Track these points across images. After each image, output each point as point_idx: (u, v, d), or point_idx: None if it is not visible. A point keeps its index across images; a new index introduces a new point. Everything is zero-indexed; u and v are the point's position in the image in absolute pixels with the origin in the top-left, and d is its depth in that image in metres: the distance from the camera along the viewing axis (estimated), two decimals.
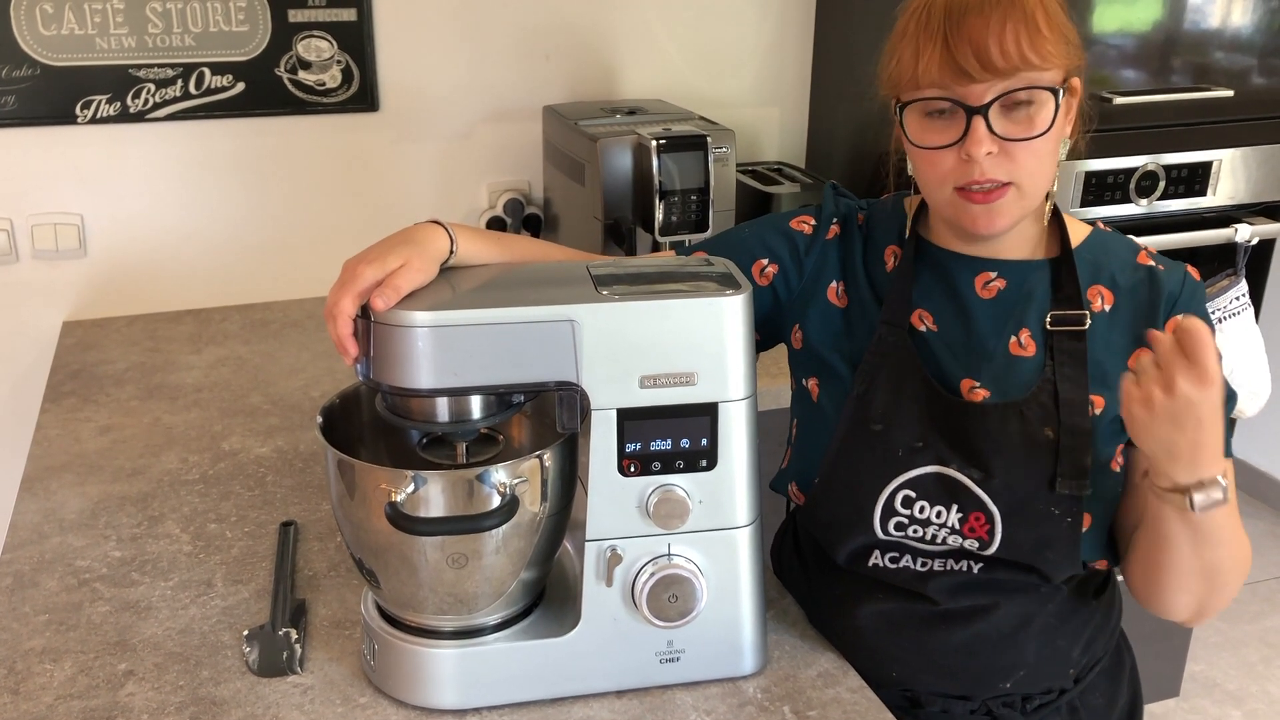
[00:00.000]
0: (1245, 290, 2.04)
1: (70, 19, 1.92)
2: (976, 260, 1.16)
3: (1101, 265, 1.15)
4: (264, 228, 2.14)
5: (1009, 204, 1.08)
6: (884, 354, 1.16)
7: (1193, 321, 0.95)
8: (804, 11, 2.32)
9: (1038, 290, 1.15)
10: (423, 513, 1.01)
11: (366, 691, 1.10)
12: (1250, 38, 1.97)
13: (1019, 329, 1.14)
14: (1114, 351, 1.13)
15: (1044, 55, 1.03)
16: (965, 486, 1.12)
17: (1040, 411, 1.11)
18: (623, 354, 1.01)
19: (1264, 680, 2.61)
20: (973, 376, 1.14)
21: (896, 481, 1.14)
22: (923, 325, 1.17)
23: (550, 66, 2.20)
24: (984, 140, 1.04)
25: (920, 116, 1.08)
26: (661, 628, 1.08)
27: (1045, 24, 1.04)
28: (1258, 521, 3.23)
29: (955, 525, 1.13)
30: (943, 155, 1.08)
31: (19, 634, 1.18)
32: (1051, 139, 1.07)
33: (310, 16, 2.03)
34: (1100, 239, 1.18)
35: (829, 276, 1.22)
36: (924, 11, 1.06)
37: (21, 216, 2.00)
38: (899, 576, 1.18)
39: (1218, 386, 0.95)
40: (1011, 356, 1.13)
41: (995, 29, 1.02)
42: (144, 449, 1.58)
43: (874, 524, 1.16)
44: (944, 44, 1.03)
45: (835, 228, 1.24)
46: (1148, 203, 1.97)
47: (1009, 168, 1.06)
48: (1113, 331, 1.13)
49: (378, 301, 0.98)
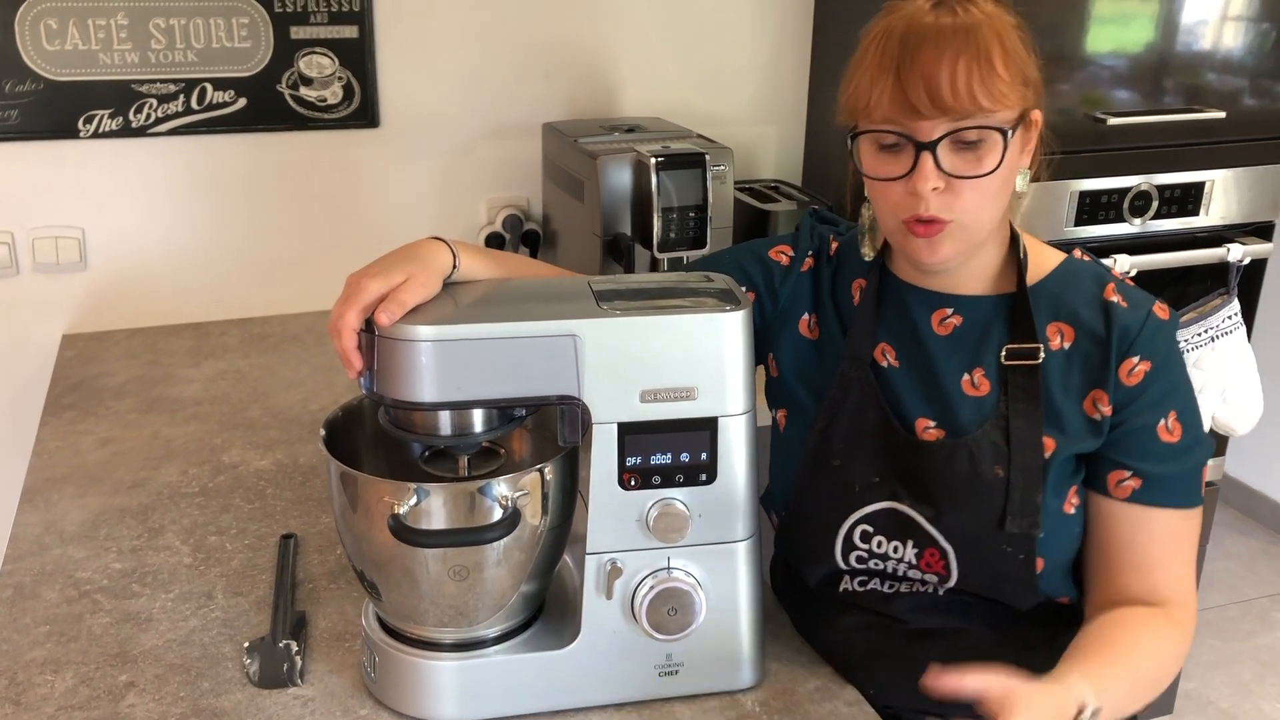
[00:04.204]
0: (1238, 309, 2.05)
1: (74, 34, 1.93)
2: (935, 296, 1.15)
3: (1064, 300, 1.12)
4: (264, 242, 2.14)
5: (949, 237, 1.06)
6: (846, 389, 1.16)
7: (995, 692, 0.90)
8: (801, 31, 2.34)
9: (995, 327, 1.13)
10: (425, 525, 1.02)
11: (367, 703, 1.11)
12: (1241, 60, 1.99)
13: (973, 367, 1.13)
14: (1069, 392, 1.11)
15: (996, 96, 1.01)
16: (918, 524, 1.12)
17: (991, 450, 1.09)
18: (624, 368, 1.02)
19: (1257, 698, 2.62)
20: (928, 415, 1.14)
21: (854, 516, 1.15)
22: (884, 360, 1.16)
23: (550, 84, 2.22)
24: (930, 176, 1.03)
25: (872, 147, 1.07)
26: (661, 641, 1.08)
27: (1001, 62, 1.02)
28: (1250, 540, 3.24)
29: (912, 560, 1.14)
30: (892, 186, 1.06)
31: (20, 645, 1.18)
32: (999, 178, 1.05)
33: (312, 33, 2.04)
34: (1069, 270, 1.15)
35: (801, 308, 1.23)
36: (882, 40, 1.04)
37: (23, 229, 2.01)
38: (868, 599, 1.19)
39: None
40: (964, 395, 1.12)
41: (948, 65, 1.00)
42: (144, 461, 1.59)
43: (835, 556, 1.17)
44: (896, 77, 1.02)
45: (810, 260, 1.24)
46: (1141, 222, 1.99)
47: (952, 204, 1.05)
48: (1069, 371, 1.11)
49: (382, 316, 0.99)
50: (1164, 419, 1.09)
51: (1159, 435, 1.09)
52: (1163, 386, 1.09)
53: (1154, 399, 1.09)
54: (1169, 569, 1.11)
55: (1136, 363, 1.08)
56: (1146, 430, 1.09)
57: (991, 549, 1.11)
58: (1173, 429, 1.10)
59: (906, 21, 1.03)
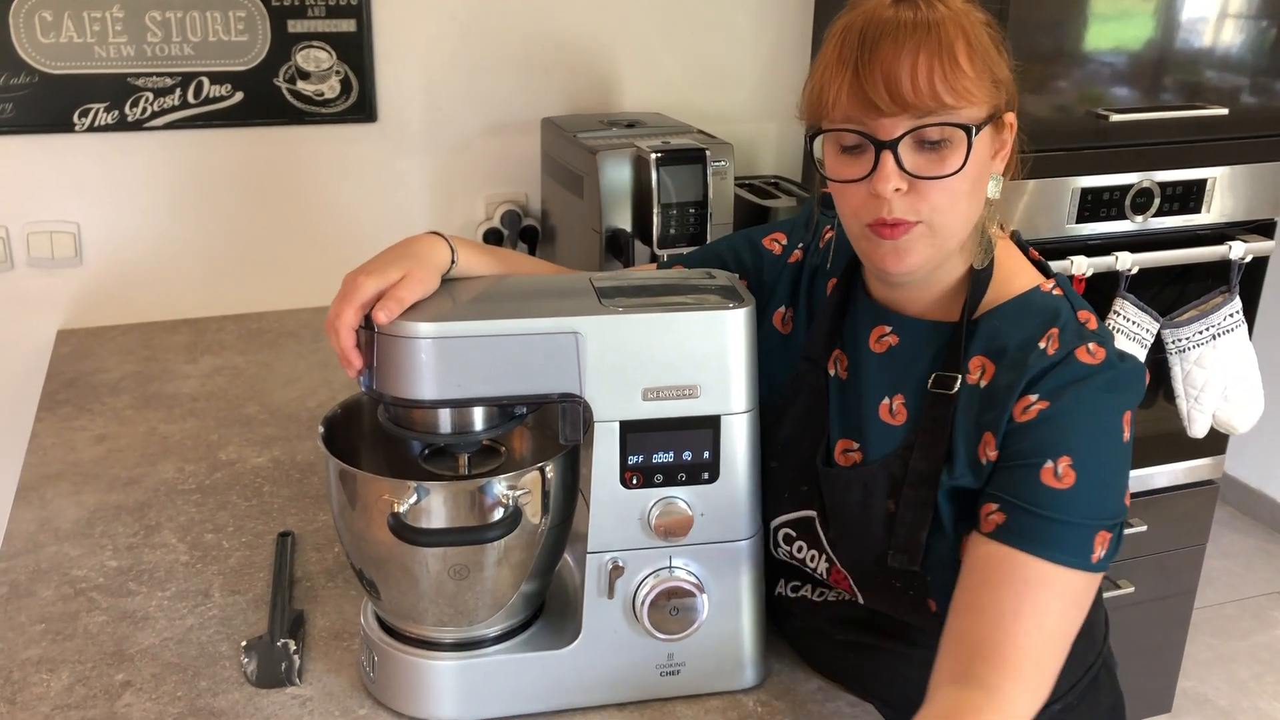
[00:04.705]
0: (1239, 307, 2.05)
1: (69, 27, 1.92)
2: (881, 311, 1.10)
3: (999, 335, 1.03)
4: (260, 237, 2.13)
5: (917, 241, 1.00)
6: (797, 390, 1.13)
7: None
8: (801, 27, 2.33)
9: (927, 354, 1.06)
10: (425, 524, 1.01)
11: (365, 703, 1.10)
12: (1242, 56, 1.99)
13: (894, 393, 1.07)
14: (967, 430, 1.02)
15: (959, 93, 0.96)
16: (824, 542, 1.12)
17: (886, 482, 1.04)
18: (626, 366, 1.01)
19: (1255, 696, 2.62)
20: (850, 436, 1.10)
21: (780, 519, 1.15)
22: (834, 369, 1.12)
23: (549, 79, 2.21)
24: (891, 176, 0.97)
25: (834, 149, 1.01)
26: (662, 640, 1.08)
27: (966, 58, 0.96)
28: (1248, 538, 3.24)
29: (824, 574, 1.13)
30: (853, 189, 1.00)
31: (15, 643, 1.17)
32: (966, 178, 0.99)
33: (309, 27, 2.03)
34: (1024, 303, 1.04)
35: (780, 300, 1.19)
36: (841, 36, 0.99)
37: (17, 224, 2.00)
38: (799, 605, 1.19)
39: None
40: (880, 421, 1.07)
41: (908, 60, 0.95)
42: (140, 458, 1.58)
43: (771, 549, 1.17)
44: (854, 73, 0.96)
45: (798, 252, 1.20)
46: (1142, 219, 1.98)
47: (918, 206, 0.98)
48: (972, 408, 1.02)
49: (380, 314, 0.98)
50: (1052, 461, 0.97)
51: (1041, 477, 0.97)
52: (1058, 430, 0.98)
53: (1044, 439, 0.98)
54: (1019, 622, 0.94)
55: (1034, 400, 0.98)
56: (1028, 469, 0.98)
57: (880, 581, 1.07)
58: (1062, 475, 0.97)
59: (866, 17, 0.98)
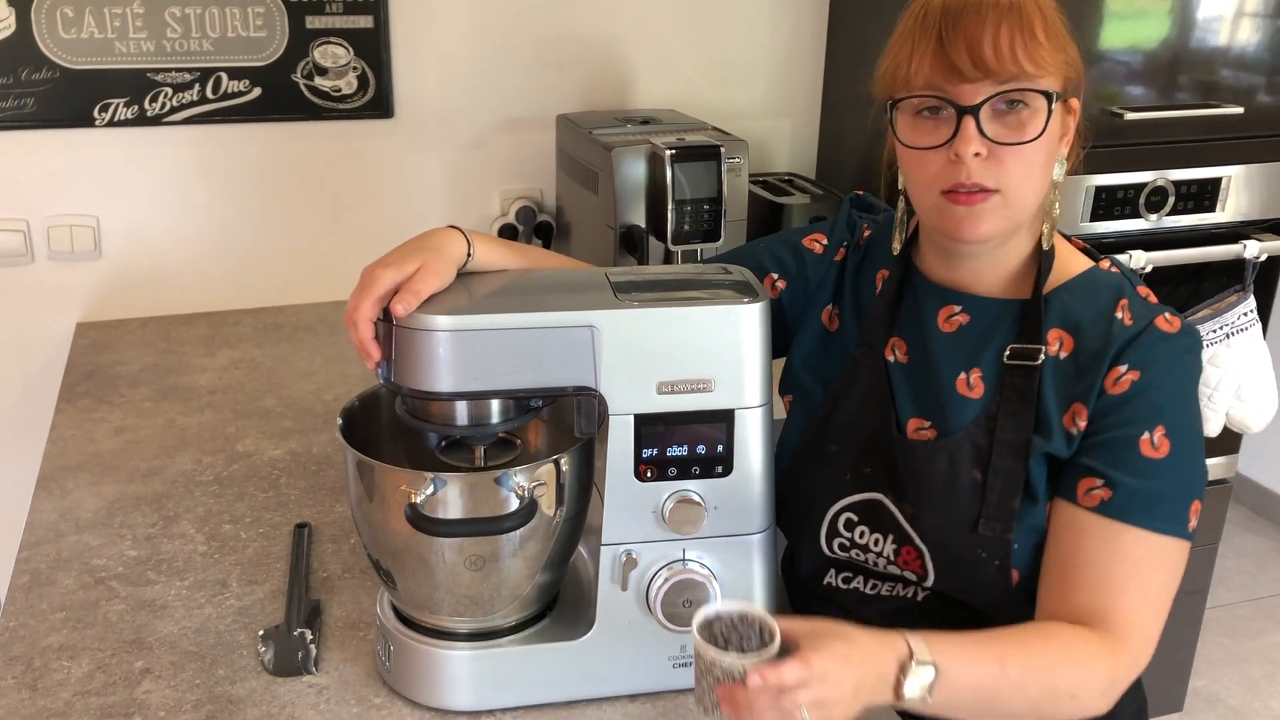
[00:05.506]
0: (1253, 306, 2.05)
1: (90, 22, 1.93)
2: (948, 293, 1.14)
3: (1072, 309, 1.09)
4: (277, 232, 2.15)
5: (992, 210, 1.04)
6: (855, 376, 1.16)
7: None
8: (816, 24, 2.34)
9: (1000, 330, 1.11)
10: (441, 514, 1.02)
11: (381, 692, 1.11)
12: (1258, 55, 1.98)
13: (970, 368, 1.11)
14: (1056, 401, 1.06)
15: (1038, 61, 1.01)
16: (898, 520, 1.12)
17: (972, 452, 1.08)
18: (641, 360, 1.02)
19: (1267, 696, 2.61)
20: (922, 414, 1.13)
21: (841, 503, 1.16)
22: (893, 355, 1.16)
23: (564, 76, 2.21)
24: (973, 140, 1.02)
25: (911, 116, 1.06)
26: (675, 632, 1.08)
27: (1043, 33, 1.02)
28: (1262, 539, 3.23)
29: (891, 556, 1.14)
30: (931, 156, 1.05)
31: (36, 631, 1.19)
32: (1042, 148, 1.04)
33: (327, 23, 2.04)
34: (1091, 280, 1.11)
35: (825, 298, 1.23)
36: (922, 11, 1.05)
37: (38, 218, 2.01)
38: (849, 598, 1.19)
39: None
40: (958, 395, 1.11)
41: (991, 29, 1.00)
42: (158, 450, 1.59)
43: (820, 542, 1.17)
44: (938, 41, 1.02)
45: (842, 250, 1.24)
46: (1157, 218, 1.98)
47: (996, 173, 1.03)
48: (1060, 380, 1.07)
49: (398, 307, 0.99)
50: (1149, 432, 1.02)
51: (1140, 448, 1.02)
52: (1153, 399, 1.03)
53: (1140, 410, 1.03)
54: (1126, 594, 1.00)
55: (1124, 371, 1.04)
56: (1126, 440, 1.03)
57: (965, 553, 1.09)
58: (1159, 445, 1.02)
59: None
